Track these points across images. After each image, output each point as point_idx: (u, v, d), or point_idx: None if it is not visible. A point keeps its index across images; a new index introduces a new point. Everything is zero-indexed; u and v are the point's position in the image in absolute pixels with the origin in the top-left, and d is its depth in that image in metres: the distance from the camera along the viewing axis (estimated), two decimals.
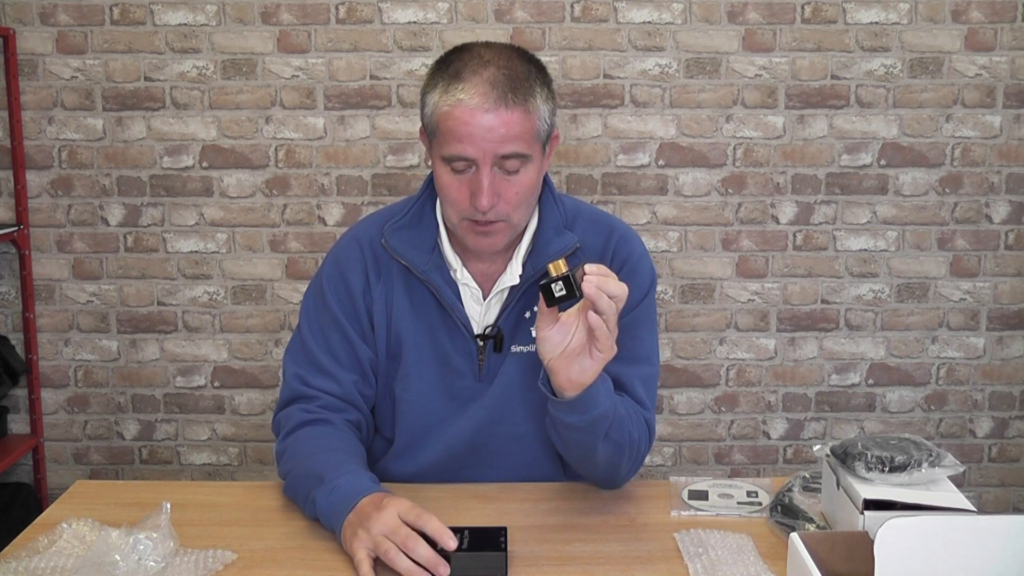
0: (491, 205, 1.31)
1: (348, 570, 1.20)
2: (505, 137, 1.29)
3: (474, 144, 1.29)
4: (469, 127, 1.28)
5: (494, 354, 1.44)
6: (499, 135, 1.29)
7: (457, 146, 1.30)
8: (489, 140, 1.29)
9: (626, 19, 2.71)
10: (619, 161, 2.78)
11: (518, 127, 1.30)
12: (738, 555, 1.20)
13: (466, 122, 1.28)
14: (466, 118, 1.28)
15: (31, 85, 2.73)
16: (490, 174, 1.31)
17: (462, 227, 1.37)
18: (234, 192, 2.78)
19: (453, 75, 1.31)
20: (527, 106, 1.31)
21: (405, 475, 1.48)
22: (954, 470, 1.18)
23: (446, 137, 1.31)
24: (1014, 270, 2.85)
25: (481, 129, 1.28)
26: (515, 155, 1.31)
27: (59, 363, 2.86)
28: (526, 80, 1.32)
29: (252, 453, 2.91)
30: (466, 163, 1.31)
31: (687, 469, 2.92)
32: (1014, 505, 2.96)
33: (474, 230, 1.36)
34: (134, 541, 1.14)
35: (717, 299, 2.85)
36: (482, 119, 1.28)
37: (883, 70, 2.74)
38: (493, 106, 1.28)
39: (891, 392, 2.90)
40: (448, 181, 1.34)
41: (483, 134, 1.28)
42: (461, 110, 1.29)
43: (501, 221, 1.35)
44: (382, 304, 1.45)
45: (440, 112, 1.31)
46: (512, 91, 1.29)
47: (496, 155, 1.30)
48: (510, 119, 1.29)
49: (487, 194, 1.30)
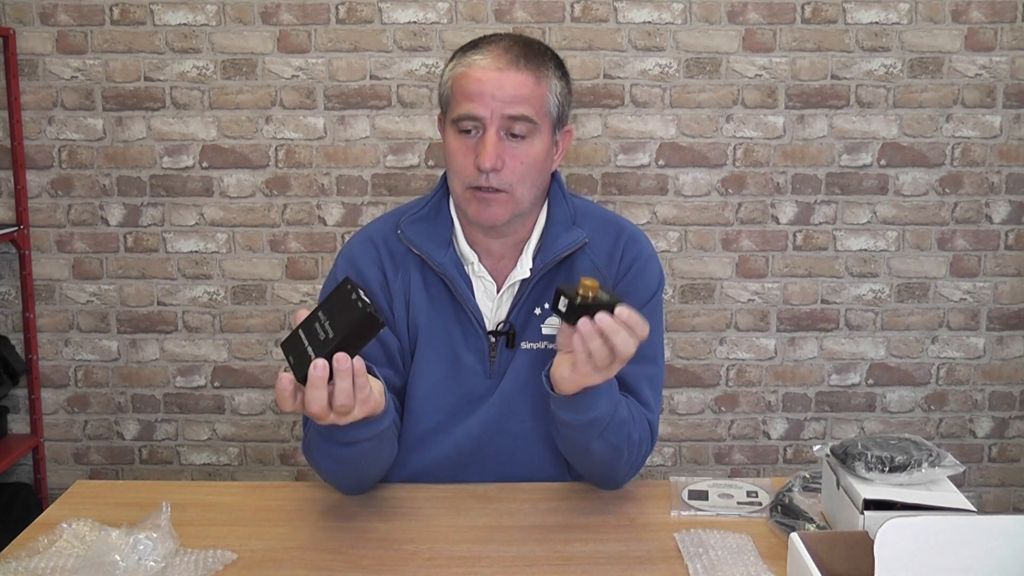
0: (493, 165, 1.32)
1: (348, 570, 1.20)
2: (514, 98, 1.33)
3: (483, 102, 1.32)
4: (480, 84, 1.32)
5: (505, 350, 1.44)
6: (508, 94, 1.32)
7: (467, 104, 1.33)
8: (498, 99, 1.32)
9: (626, 19, 2.71)
10: (619, 161, 2.78)
11: (527, 90, 1.34)
12: (738, 555, 1.20)
13: (477, 79, 1.33)
14: (478, 76, 1.33)
15: (31, 85, 2.73)
16: (496, 135, 1.33)
17: (465, 197, 1.38)
18: (234, 192, 2.78)
19: (470, 47, 1.38)
20: (538, 73, 1.35)
21: (411, 472, 1.47)
22: (954, 470, 1.19)
23: (457, 99, 1.35)
24: (1014, 270, 2.85)
25: (491, 87, 1.32)
26: (522, 117, 1.33)
27: (59, 363, 2.86)
28: (540, 53, 1.37)
29: (252, 453, 2.91)
30: (474, 123, 1.34)
31: (687, 469, 2.92)
32: (1014, 505, 2.96)
33: (476, 197, 1.36)
34: (134, 541, 1.14)
35: (717, 299, 2.85)
36: (493, 77, 1.32)
37: (883, 70, 2.74)
38: (505, 66, 1.33)
39: (891, 392, 2.90)
40: (455, 146, 1.36)
41: (492, 91, 1.32)
42: (474, 69, 1.34)
43: (503, 192, 1.36)
44: (401, 296, 1.45)
45: (454, 75, 1.36)
46: (525, 57, 1.35)
47: (504, 115, 1.33)
48: (520, 80, 1.33)
49: (491, 153, 1.32)
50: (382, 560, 1.22)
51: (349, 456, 1.28)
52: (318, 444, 1.30)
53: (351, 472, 1.35)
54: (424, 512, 1.36)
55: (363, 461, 1.31)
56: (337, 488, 1.41)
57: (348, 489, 1.41)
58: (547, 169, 1.42)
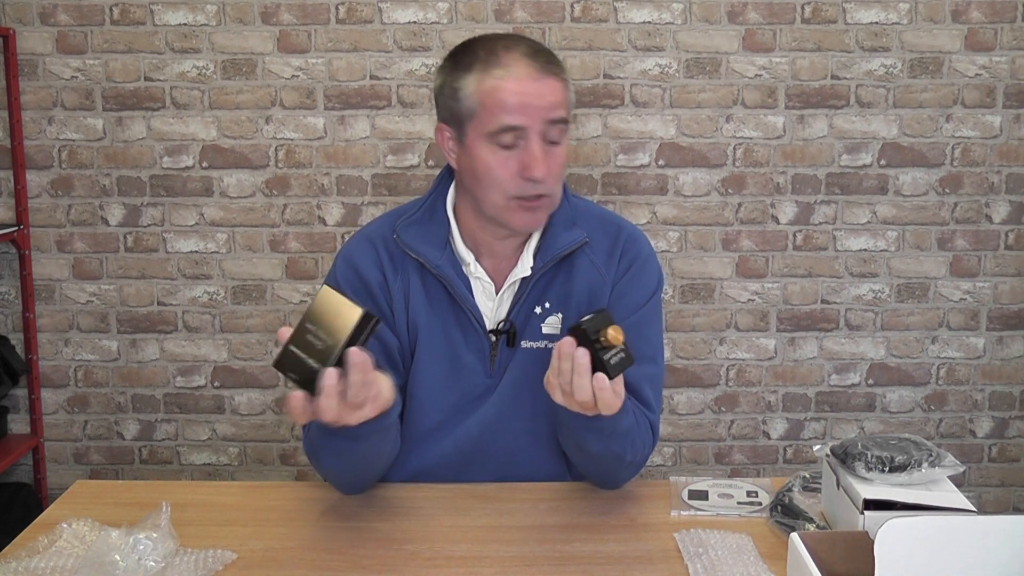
0: (546, 174, 1.33)
1: (348, 570, 1.20)
2: (553, 103, 1.33)
3: (526, 112, 1.32)
4: (520, 96, 1.32)
5: (506, 350, 1.44)
6: (548, 101, 1.33)
7: (507, 117, 1.32)
8: (539, 106, 1.32)
9: (626, 19, 2.71)
10: (619, 161, 2.78)
11: (561, 94, 1.35)
12: (738, 555, 1.20)
13: (517, 91, 1.32)
14: (516, 87, 1.32)
15: (31, 85, 2.73)
16: (539, 143, 1.33)
17: (508, 208, 1.37)
18: (234, 192, 2.78)
19: (487, 57, 1.34)
20: (564, 75, 1.37)
21: (411, 472, 1.47)
22: (954, 470, 1.19)
23: (493, 112, 1.33)
24: (1014, 270, 2.85)
25: (531, 96, 1.32)
26: (561, 120, 1.35)
27: (59, 363, 2.85)
28: (554, 54, 1.38)
29: (252, 453, 2.91)
30: (515, 135, 1.33)
31: (687, 469, 2.92)
32: (1014, 505, 2.96)
33: (523, 207, 1.36)
34: (134, 541, 1.14)
35: (717, 299, 2.85)
36: (532, 86, 1.32)
37: (883, 70, 2.74)
38: (539, 74, 1.33)
39: (891, 392, 2.90)
40: (494, 160, 1.34)
41: (534, 100, 1.32)
42: (510, 81, 1.32)
43: (546, 196, 1.37)
44: (400, 297, 1.45)
45: (484, 88, 1.33)
46: (550, 61, 1.35)
47: (545, 121, 1.33)
48: (555, 86, 1.34)
49: (542, 162, 1.33)
50: (382, 560, 1.22)
51: (354, 451, 1.28)
52: (322, 440, 1.29)
53: (354, 467, 1.34)
54: (424, 512, 1.36)
55: (367, 456, 1.31)
56: (337, 486, 1.41)
57: (349, 487, 1.40)
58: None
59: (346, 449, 1.28)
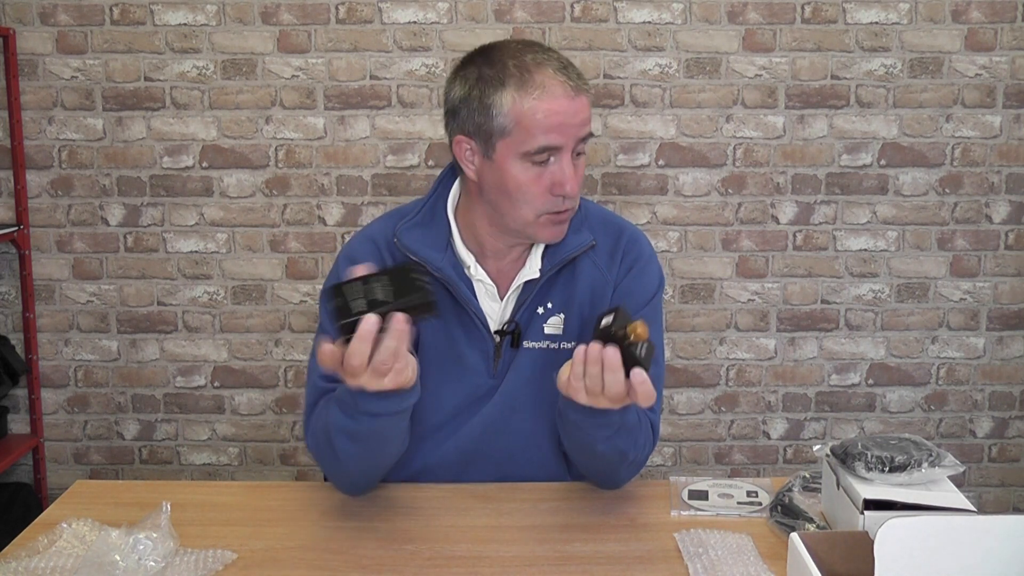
0: (576, 191, 1.35)
1: (348, 570, 1.20)
2: (585, 120, 1.35)
3: (564, 131, 1.33)
4: (559, 116, 1.32)
5: (509, 350, 1.45)
6: (582, 119, 1.35)
7: (546, 137, 1.33)
8: (575, 125, 1.34)
9: (626, 19, 2.71)
10: (619, 161, 2.78)
11: (589, 109, 1.37)
12: (738, 555, 1.20)
13: (556, 111, 1.32)
14: (556, 108, 1.32)
15: (31, 85, 2.73)
16: (571, 160, 1.35)
17: (539, 223, 1.38)
18: (234, 192, 2.78)
19: (520, 75, 1.33)
20: (589, 89, 1.37)
21: (413, 472, 1.47)
22: (954, 470, 1.18)
23: (531, 132, 1.33)
24: (1014, 270, 2.85)
25: (569, 116, 1.33)
26: (590, 135, 1.37)
27: (59, 363, 2.85)
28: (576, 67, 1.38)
29: (252, 453, 2.91)
30: (549, 153, 1.34)
31: (687, 469, 2.92)
32: (1014, 505, 2.96)
33: (553, 221, 1.38)
34: (134, 541, 1.14)
35: (717, 299, 2.85)
36: (569, 106, 1.33)
37: (883, 70, 2.74)
38: (574, 92, 1.33)
39: (891, 392, 2.90)
40: (528, 178, 1.35)
41: (571, 119, 1.33)
42: (549, 102, 1.32)
43: (572, 209, 1.39)
44: None
45: (521, 109, 1.32)
46: (580, 76, 1.36)
47: (578, 139, 1.35)
48: (586, 103, 1.36)
49: (575, 180, 1.35)
50: (382, 560, 1.22)
51: (366, 434, 1.27)
52: (337, 419, 1.27)
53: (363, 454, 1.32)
54: (424, 512, 1.36)
55: (378, 441, 1.30)
56: (340, 482, 1.40)
57: (353, 481, 1.39)
58: None
59: (357, 430, 1.27)
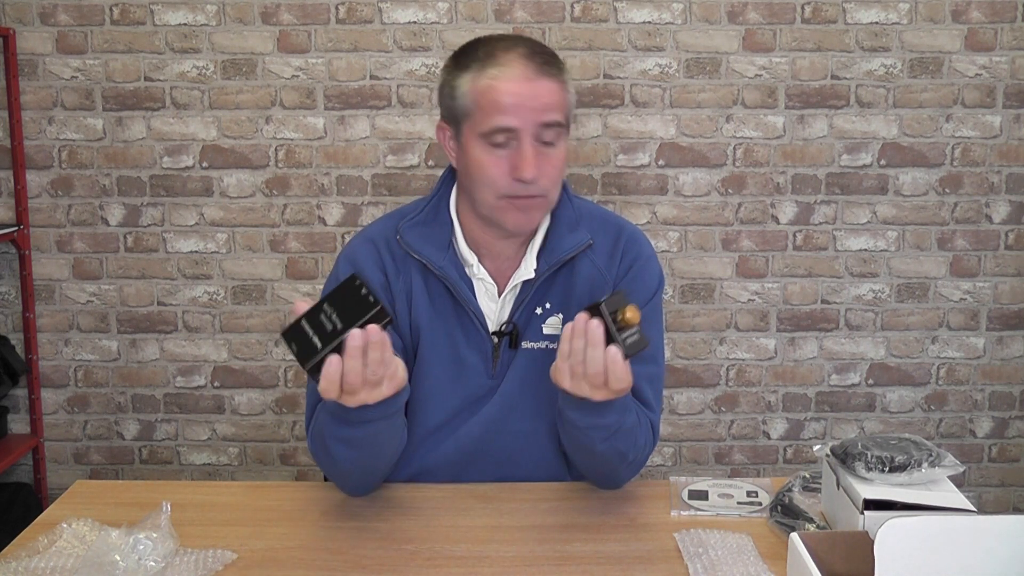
0: (536, 175, 1.33)
1: (348, 570, 1.20)
2: (547, 105, 1.33)
3: (518, 113, 1.32)
4: (513, 96, 1.32)
5: (507, 351, 1.45)
6: (541, 103, 1.33)
7: (500, 117, 1.32)
8: (532, 108, 1.32)
9: (626, 19, 2.71)
10: (619, 161, 2.78)
11: (557, 96, 1.35)
12: (738, 555, 1.20)
13: (510, 92, 1.32)
14: (510, 88, 1.32)
15: (31, 85, 2.73)
16: (532, 145, 1.33)
17: (499, 207, 1.37)
18: (234, 192, 2.78)
19: (485, 57, 1.35)
20: (562, 77, 1.36)
21: (412, 473, 1.47)
22: (954, 470, 1.19)
23: (486, 111, 1.33)
24: (1014, 270, 2.85)
25: (524, 97, 1.32)
26: (555, 123, 1.35)
27: (59, 363, 2.85)
28: (555, 56, 1.38)
29: (252, 453, 2.91)
30: (507, 135, 1.33)
31: (687, 469, 2.92)
32: (1014, 505, 2.96)
33: (514, 206, 1.37)
34: (134, 541, 1.14)
35: (717, 299, 2.85)
36: (525, 87, 1.32)
37: (883, 70, 2.74)
38: (534, 75, 1.33)
39: (891, 392, 2.90)
40: (486, 159, 1.35)
41: (526, 102, 1.32)
42: (503, 81, 1.32)
43: (540, 196, 1.37)
44: (403, 298, 1.45)
45: (479, 88, 1.34)
46: (548, 63, 1.35)
47: (537, 123, 1.33)
48: (551, 88, 1.34)
49: (533, 163, 1.33)
50: (382, 560, 1.22)
51: (362, 439, 1.28)
52: (331, 429, 1.28)
53: (362, 459, 1.32)
54: (424, 512, 1.36)
55: (375, 445, 1.30)
56: (344, 484, 1.40)
57: (356, 485, 1.40)
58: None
59: (353, 436, 1.27)
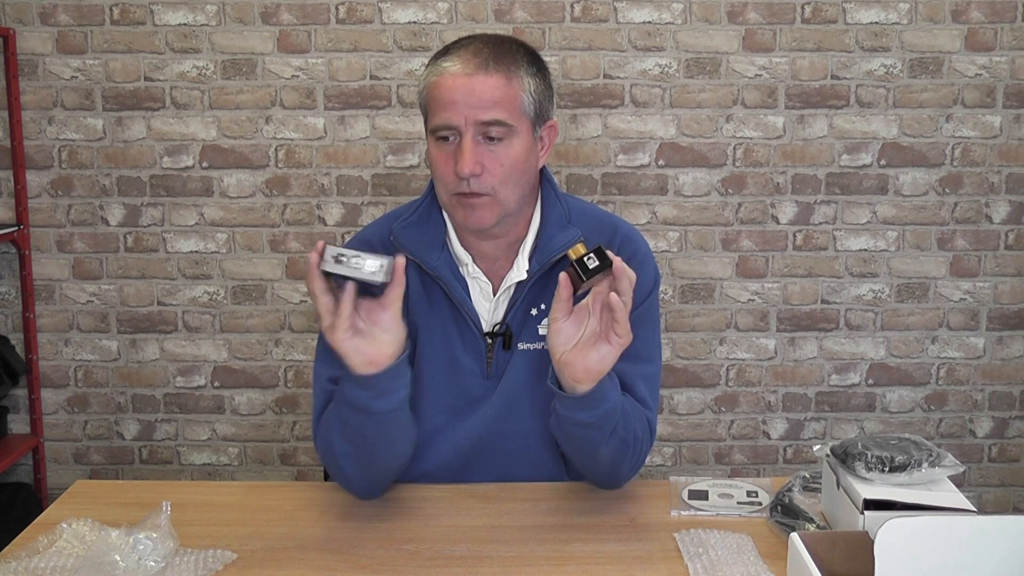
0: (472, 171, 1.32)
1: (348, 570, 1.20)
2: (485, 102, 1.32)
3: (456, 110, 1.32)
4: (451, 92, 1.32)
5: (502, 352, 1.44)
6: (479, 100, 1.31)
7: (441, 115, 1.33)
8: (469, 105, 1.31)
9: (626, 19, 2.71)
10: (619, 161, 2.78)
11: (498, 93, 1.32)
12: (738, 555, 1.21)
13: (448, 87, 1.32)
14: (448, 84, 1.32)
15: (31, 85, 2.73)
16: (472, 141, 1.33)
17: (452, 204, 1.38)
18: (234, 192, 2.78)
19: (439, 55, 1.37)
20: (508, 73, 1.34)
21: (412, 475, 1.47)
22: (954, 470, 1.19)
23: (432, 109, 1.35)
24: (1014, 270, 2.85)
25: (461, 94, 1.31)
26: (496, 122, 1.33)
27: (59, 363, 2.85)
28: (511, 54, 1.36)
29: (252, 453, 2.91)
30: (451, 131, 1.34)
31: (687, 469, 2.92)
32: (1014, 505, 2.96)
33: (461, 203, 1.36)
34: (134, 541, 1.14)
35: (717, 299, 2.85)
36: (463, 84, 1.32)
37: (883, 70, 2.74)
38: (473, 71, 1.32)
39: (891, 392, 2.90)
40: (436, 155, 1.36)
41: (463, 99, 1.31)
42: (444, 78, 1.33)
43: (487, 195, 1.35)
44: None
45: (428, 85, 1.36)
46: (494, 59, 1.33)
47: (477, 121, 1.32)
48: (490, 84, 1.32)
49: (468, 159, 1.32)
50: (382, 560, 1.22)
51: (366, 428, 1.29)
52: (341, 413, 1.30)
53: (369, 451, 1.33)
54: (424, 512, 1.36)
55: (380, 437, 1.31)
56: (349, 484, 1.40)
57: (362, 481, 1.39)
58: (531, 168, 1.41)
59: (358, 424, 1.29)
